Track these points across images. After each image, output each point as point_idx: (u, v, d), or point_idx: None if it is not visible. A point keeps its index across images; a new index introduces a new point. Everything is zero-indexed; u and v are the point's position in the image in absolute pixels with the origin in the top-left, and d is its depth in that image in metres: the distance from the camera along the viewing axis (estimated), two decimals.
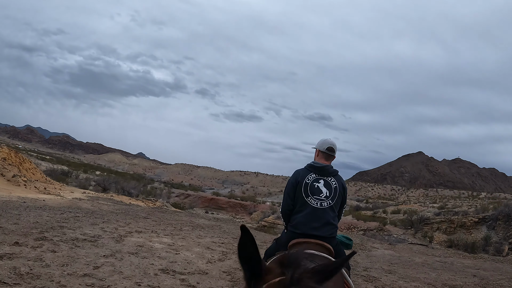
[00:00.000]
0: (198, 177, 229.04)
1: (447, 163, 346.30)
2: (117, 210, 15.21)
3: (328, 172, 3.74)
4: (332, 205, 3.60)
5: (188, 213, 18.79)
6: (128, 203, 21.74)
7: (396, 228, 40.97)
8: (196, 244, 9.55)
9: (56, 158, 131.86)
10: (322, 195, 3.61)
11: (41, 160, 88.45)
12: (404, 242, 21.38)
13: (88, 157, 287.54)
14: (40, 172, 27.90)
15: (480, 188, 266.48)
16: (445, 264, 11.04)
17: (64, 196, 20.21)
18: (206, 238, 10.91)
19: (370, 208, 72.06)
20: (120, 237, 8.78)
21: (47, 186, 24.02)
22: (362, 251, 12.20)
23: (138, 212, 15.22)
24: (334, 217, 3.62)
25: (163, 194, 63.91)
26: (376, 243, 15.08)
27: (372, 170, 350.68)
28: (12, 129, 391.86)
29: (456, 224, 39.50)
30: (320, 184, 3.65)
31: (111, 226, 10.25)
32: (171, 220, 13.83)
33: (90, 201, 17.81)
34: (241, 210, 66.82)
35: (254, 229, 46.75)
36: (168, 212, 17.28)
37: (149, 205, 25.66)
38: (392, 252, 12.76)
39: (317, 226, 3.46)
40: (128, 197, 28.49)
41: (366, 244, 14.12)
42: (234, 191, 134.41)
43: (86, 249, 7.24)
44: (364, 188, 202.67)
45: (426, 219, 41.86)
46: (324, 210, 3.55)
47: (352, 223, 41.42)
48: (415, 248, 14.70)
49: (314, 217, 3.50)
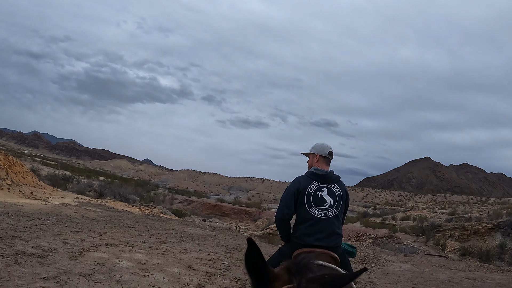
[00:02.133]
0: (204, 183, 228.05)
1: (454, 168, 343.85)
2: (102, 217, 13.71)
3: (331, 179, 3.56)
4: (337, 214, 3.46)
5: (183, 221, 17.14)
6: (120, 209, 20.34)
7: (407, 235, 39.13)
8: (175, 262, 7.83)
9: (60, 164, 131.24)
10: (326, 204, 3.45)
11: (44, 165, 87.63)
12: (418, 252, 19.58)
13: (94, 163, 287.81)
14: (32, 176, 26.88)
15: (487, 193, 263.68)
16: (475, 282, 9.34)
17: (51, 201, 19.02)
18: (192, 252, 9.22)
19: (378, 214, 69.95)
20: (81, 252, 7.18)
21: (36, 190, 22.90)
22: (376, 266, 10.53)
23: (125, 220, 13.65)
24: (339, 226, 3.50)
25: (165, 200, 62.34)
26: (391, 255, 13.33)
27: (379, 176, 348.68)
28: (19, 135, 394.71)
29: (469, 231, 37.71)
30: (323, 193, 3.48)
31: (78, 237, 8.66)
32: (158, 230, 12.23)
33: (78, 207, 16.50)
34: (246, 217, 64.94)
35: (259, 237, 45.10)
36: (160, 220, 15.66)
37: (144, 211, 24.29)
38: (411, 267, 11.05)
39: (322, 237, 3.31)
40: (125, 203, 27.15)
41: (380, 257, 12.40)
42: (239, 198, 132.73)
43: (26, 267, 5.66)
44: (371, 194, 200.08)
45: (438, 226, 39.96)
46: (328, 220, 3.40)
47: (361, 230, 39.56)
48: (434, 261, 12.97)
49: (319, 228, 3.35)
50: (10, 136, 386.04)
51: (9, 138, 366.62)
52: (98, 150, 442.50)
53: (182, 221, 17.11)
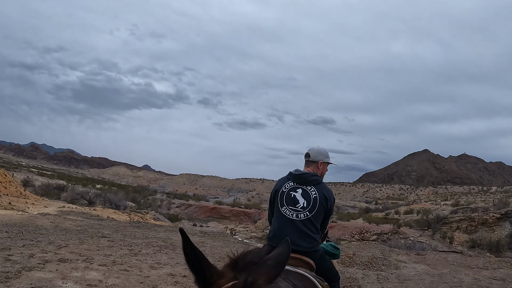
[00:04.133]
0: (203, 186, 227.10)
1: (454, 159, 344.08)
2: (78, 226, 12.32)
3: (307, 181, 3.34)
4: (310, 217, 3.24)
5: (172, 227, 15.64)
6: (106, 217, 19.07)
7: (412, 229, 37.79)
8: (137, 282, 6.37)
9: (57, 174, 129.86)
10: (299, 205, 3.27)
11: (39, 175, 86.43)
12: (430, 249, 18.11)
13: (92, 171, 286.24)
14: (16, 186, 25.99)
15: (488, 182, 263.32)
16: (506, 284, 7.93)
17: (29, 211, 17.86)
18: (166, 267, 7.72)
19: (380, 209, 68.62)
20: (19, 272, 5.82)
21: (17, 200, 21.82)
22: (388, 270, 9.11)
23: (102, 229, 12.22)
24: (314, 230, 3.24)
25: (162, 205, 60.91)
26: (401, 254, 11.86)
27: (378, 170, 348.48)
28: (16, 147, 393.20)
29: (477, 222, 36.51)
30: (297, 194, 3.31)
31: (28, 252, 7.27)
32: (137, 239, 10.79)
33: (57, 216, 15.28)
34: (245, 218, 63.49)
35: (259, 238, 43.69)
36: (145, 227, 14.20)
37: (133, 218, 23.03)
38: (427, 268, 9.64)
39: (294, 239, 3.05)
40: (114, 210, 25.85)
41: (390, 257, 10.96)
42: (239, 199, 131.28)
43: None
44: (372, 189, 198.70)
45: (444, 218, 38.63)
46: (301, 222, 3.22)
47: (364, 227, 38.16)
48: (450, 258, 11.53)
49: (291, 230, 3.20)
50: (8, 149, 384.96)
51: (7, 151, 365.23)
52: (96, 158, 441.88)
53: (170, 227, 15.64)
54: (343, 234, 35.33)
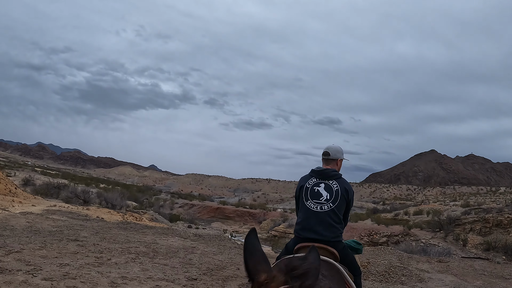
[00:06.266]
0: (209, 186, 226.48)
1: (461, 159, 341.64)
2: (55, 227, 11.02)
3: (329, 176, 3.63)
4: (334, 208, 3.46)
5: (164, 229, 14.19)
6: (95, 217, 17.85)
7: (423, 231, 36.23)
8: None
9: (62, 173, 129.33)
10: (322, 198, 3.50)
11: (42, 174, 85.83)
12: (444, 252, 16.59)
13: (98, 171, 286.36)
14: (6, 183, 25.09)
15: (495, 183, 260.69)
16: None
17: (11, 210, 16.92)
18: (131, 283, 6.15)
19: (388, 210, 66.93)
20: None
21: (2, 198, 21.01)
22: (410, 281, 7.65)
23: (81, 231, 10.87)
24: (338, 220, 3.47)
25: (165, 205, 59.56)
26: (422, 262, 10.34)
27: (385, 171, 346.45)
28: (23, 147, 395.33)
29: (491, 223, 34.91)
30: (320, 188, 3.56)
31: None
32: (115, 243, 9.37)
33: (39, 216, 14.17)
34: (250, 219, 61.89)
35: (263, 240, 42.17)
36: (132, 229, 12.78)
37: (128, 219, 21.86)
38: (456, 280, 8.18)
39: (319, 230, 3.36)
40: (110, 209, 24.65)
41: (410, 266, 9.47)
42: (244, 199, 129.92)
43: None
44: (379, 189, 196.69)
45: (457, 220, 36.98)
46: (325, 213, 3.42)
47: (373, 228, 36.57)
48: (478, 266, 10.04)
49: (315, 221, 3.40)
50: (14, 148, 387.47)
51: (14, 150, 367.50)
52: (103, 158, 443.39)
53: (162, 229, 14.19)
54: (351, 235, 33.78)
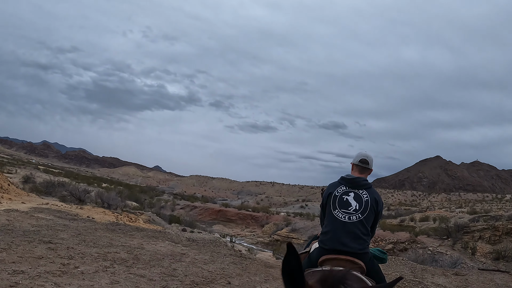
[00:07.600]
0: (213, 188, 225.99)
1: (466, 166, 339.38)
2: (33, 227, 10.17)
3: (359, 185, 3.55)
4: (362, 219, 3.38)
5: (155, 232, 13.20)
6: (85, 217, 16.96)
7: (430, 238, 35.09)
8: None
9: (66, 172, 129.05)
10: (351, 208, 3.41)
11: (44, 172, 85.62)
12: (456, 263, 15.50)
13: (102, 170, 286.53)
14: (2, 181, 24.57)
15: (500, 190, 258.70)
16: None
17: None
18: None
19: (393, 216, 65.72)
20: None
21: None
22: None
23: (61, 232, 9.96)
24: (365, 231, 3.37)
25: (166, 206, 58.68)
26: (437, 275, 9.30)
27: (389, 176, 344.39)
28: (29, 145, 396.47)
29: (501, 232, 33.73)
30: (349, 197, 3.46)
31: None
32: (94, 247, 8.40)
33: (25, 213, 13.61)
34: (252, 222, 60.78)
35: (265, 244, 40.93)
36: (121, 231, 11.82)
37: (121, 219, 21.01)
38: None
39: (346, 241, 3.26)
40: (105, 209, 23.74)
41: (424, 279, 8.46)
42: (247, 202, 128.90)
43: None
44: (383, 195, 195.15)
45: (465, 227, 35.80)
46: (353, 224, 3.32)
47: (379, 234, 35.49)
48: (498, 280, 9.02)
49: (342, 232, 3.30)
50: (20, 146, 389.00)
51: (19, 148, 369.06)
52: (107, 158, 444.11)
53: (153, 232, 13.19)
54: None
